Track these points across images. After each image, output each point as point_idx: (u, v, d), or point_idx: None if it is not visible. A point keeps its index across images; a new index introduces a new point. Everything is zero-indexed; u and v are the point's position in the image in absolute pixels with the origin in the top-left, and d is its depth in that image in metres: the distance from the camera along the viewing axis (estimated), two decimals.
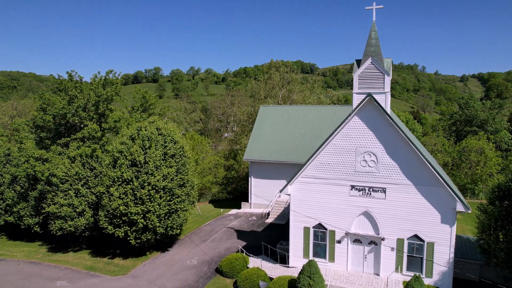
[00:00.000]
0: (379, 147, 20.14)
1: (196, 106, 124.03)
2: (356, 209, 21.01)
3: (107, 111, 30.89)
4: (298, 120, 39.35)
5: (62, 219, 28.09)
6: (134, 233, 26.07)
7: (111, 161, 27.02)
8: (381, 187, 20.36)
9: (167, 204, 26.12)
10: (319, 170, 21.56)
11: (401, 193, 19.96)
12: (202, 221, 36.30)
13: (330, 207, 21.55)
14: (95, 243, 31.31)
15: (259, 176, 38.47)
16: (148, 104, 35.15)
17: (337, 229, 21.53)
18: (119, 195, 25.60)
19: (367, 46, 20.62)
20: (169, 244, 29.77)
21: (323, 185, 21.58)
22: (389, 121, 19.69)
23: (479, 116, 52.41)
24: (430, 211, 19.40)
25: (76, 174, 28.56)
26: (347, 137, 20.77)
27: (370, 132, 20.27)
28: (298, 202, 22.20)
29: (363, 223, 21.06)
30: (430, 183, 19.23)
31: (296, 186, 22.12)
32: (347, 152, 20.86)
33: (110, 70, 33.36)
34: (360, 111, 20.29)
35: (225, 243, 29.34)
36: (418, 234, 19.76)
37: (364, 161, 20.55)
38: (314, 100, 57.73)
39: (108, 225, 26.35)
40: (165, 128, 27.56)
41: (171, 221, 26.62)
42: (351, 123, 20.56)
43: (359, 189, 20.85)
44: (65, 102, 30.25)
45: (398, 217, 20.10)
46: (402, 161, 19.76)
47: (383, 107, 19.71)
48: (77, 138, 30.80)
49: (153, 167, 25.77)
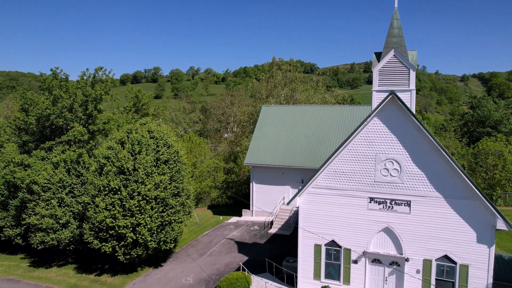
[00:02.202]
0: (403, 153, 17.37)
1: (195, 106, 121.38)
2: (375, 225, 18.23)
3: (94, 112, 28.06)
4: (303, 121, 36.58)
5: (44, 231, 25.30)
6: (123, 248, 23.30)
7: (97, 168, 24.26)
8: (405, 199, 17.58)
9: (159, 216, 23.37)
10: (333, 179, 18.78)
11: (428, 207, 17.18)
12: (200, 231, 33.52)
13: (345, 222, 18.77)
14: (82, 257, 28.51)
15: (261, 181, 35.69)
16: (141, 104, 32.32)
17: (353, 247, 18.75)
18: (105, 206, 22.84)
19: (388, 37, 17.84)
20: (163, 258, 26.98)
21: (337, 197, 18.80)
22: (415, 123, 16.93)
23: (492, 116, 49.72)
24: (463, 228, 16.62)
25: (60, 181, 25.76)
26: (365, 142, 18.00)
27: (392, 136, 17.49)
28: (308, 216, 19.42)
29: (384, 240, 18.28)
30: (464, 195, 16.46)
31: (306, 197, 19.34)
32: (365, 159, 18.08)
33: (99, 67, 30.62)
34: (381, 112, 17.50)
35: (225, 257, 26.56)
36: (449, 254, 16.98)
37: (386, 170, 17.77)
38: (318, 100, 54.95)
39: (93, 239, 23.58)
40: (158, 131, 24.79)
41: (164, 235, 23.86)
42: (370, 125, 17.78)
43: (379, 202, 18.07)
44: (49, 102, 27.44)
45: (425, 234, 17.31)
46: (430, 169, 16.98)
47: (408, 107, 16.95)
48: (62, 142, 28.00)
49: (144, 174, 23.00)
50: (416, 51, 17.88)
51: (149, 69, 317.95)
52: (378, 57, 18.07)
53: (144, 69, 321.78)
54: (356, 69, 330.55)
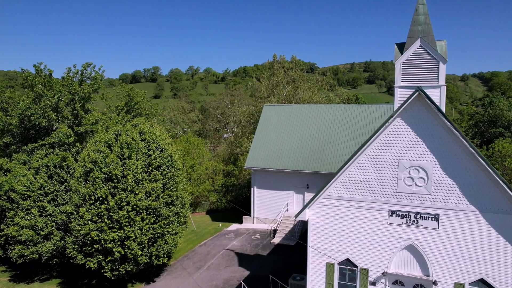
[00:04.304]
0: (431, 159, 14.93)
1: (194, 105, 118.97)
2: (397, 242, 15.80)
3: (80, 112, 25.58)
4: (308, 121, 34.11)
5: (23, 244, 22.85)
6: (110, 264, 20.84)
7: (82, 174, 21.80)
8: (432, 213, 15.14)
9: (151, 227, 20.91)
10: (348, 189, 16.34)
11: (460, 222, 14.75)
12: (197, 240, 31.06)
13: (362, 238, 16.33)
14: (68, 270, 26.06)
15: (263, 186, 33.24)
16: (133, 103, 29.83)
17: (371, 267, 16.31)
18: (90, 217, 20.38)
19: (413, 25, 15.40)
20: (156, 273, 24.52)
21: (352, 209, 16.36)
22: (445, 125, 14.50)
23: (505, 116, 47.30)
24: (504, 248, 14.19)
25: (41, 188, 23.31)
26: (386, 146, 15.55)
27: (418, 139, 15.05)
28: (320, 231, 16.97)
29: (407, 260, 15.84)
30: (505, 209, 14.04)
31: (317, 209, 16.89)
32: (386, 166, 15.64)
33: (88, 63, 28.15)
34: (405, 112, 15.06)
35: (224, 271, 24.11)
36: (486, 278, 14.54)
37: (410, 178, 15.33)
38: (322, 99, 52.43)
39: (77, 253, 21.12)
40: (150, 133, 22.33)
41: (156, 249, 21.40)
42: (392, 127, 15.34)
43: (402, 215, 15.63)
44: (30, 101, 24.97)
45: (457, 254, 14.88)
46: (463, 179, 14.55)
47: (438, 106, 14.52)
48: (45, 144, 25.54)
49: (133, 181, 20.54)
50: (446, 41, 15.44)
51: (148, 68, 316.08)
52: (400, 48, 15.64)
53: (143, 69, 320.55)
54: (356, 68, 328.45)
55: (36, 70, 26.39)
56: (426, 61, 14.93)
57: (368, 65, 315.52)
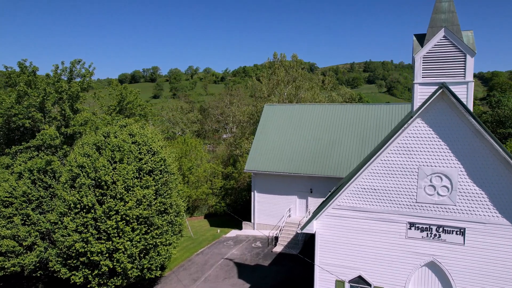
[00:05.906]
0: (456, 165, 13.16)
1: (193, 105, 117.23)
2: (416, 258, 14.04)
3: (68, 112, 23.79)
4: (311, 121, 32.34)
5: (3, 255, 21.04)
6: (97, 278, 19.04)
7: (68, 179, 20.00)
8: (457, 226, 13.38)
9: (142, 238, 19.11)
10: (360, 198, 14.57)
11: (490, 237, 13.00)
12: (194, 248, 29.25)
13: (376, 254, 14.57)
14: (55, 281, 24.24)
15: (264, 190, 31.46)
16: (125, 102, 28.02)
17: (387, 286, 14.55)
18: (75, 227, 18.59)
19: (435, 13, 13.62)
20: (149, 286, 22.71)
21: (365, 221, 14.59)
22: (473, 126, 12.74)
23: None
24: None
25: (24, 195, 21.51)
26: (404, 151, 13.78)
27: (441, 142, 13.29)
28: (328, 244, 15.20)
29: (428, 278, 14.08)
30: None
31: (325, 221, 15.12)
32: (404, 172, 13.86)
33: (77, 59, 26.36)
34: (427, 112, 13.30)
35: (222, 284, 22.31)
36: None
37: (431, 187, 13.56)
38: (324, 98, 50.64)
39: (61, 267, 19.32)
40: (140, 134, 20.53)
41: (148, 261, 19.61)
42: (411, 129, 13.56)
43: (422, 229, 13.86)
44: (13, 100, 23.18)
45: (486, 273, 13.12)
46: (494, 188, 12.80)
47: (465, 105, 12.75)
48: (30, 147, 23.76)
49: (123, 188, 18.74)
50: (472, 32, 13.65)
51: (148, 68, 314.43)
52: (420, 40, 13.85)
53: (143, 69, 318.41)
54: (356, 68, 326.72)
55: (20, 67, 24.61)
56: (451, 53, 13.16)
57: (368, 65, 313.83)
